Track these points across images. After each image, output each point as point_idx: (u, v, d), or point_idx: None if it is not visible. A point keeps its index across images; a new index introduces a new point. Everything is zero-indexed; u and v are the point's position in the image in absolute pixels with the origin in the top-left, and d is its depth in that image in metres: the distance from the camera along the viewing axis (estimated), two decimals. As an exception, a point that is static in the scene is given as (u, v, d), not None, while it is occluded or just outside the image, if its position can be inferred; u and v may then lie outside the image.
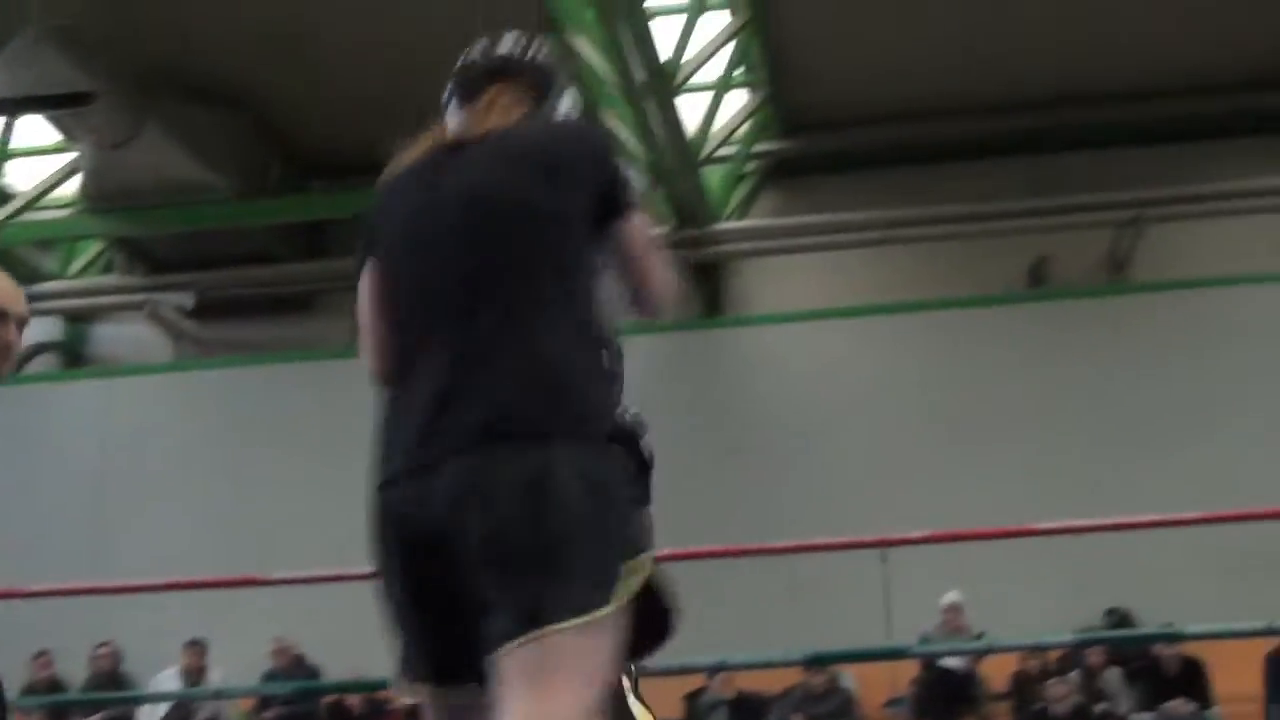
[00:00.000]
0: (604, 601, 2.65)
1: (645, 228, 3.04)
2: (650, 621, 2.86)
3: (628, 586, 2.70)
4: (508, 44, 3.32)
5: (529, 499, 2.67)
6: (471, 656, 2.74)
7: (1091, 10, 13.25)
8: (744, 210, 15.45)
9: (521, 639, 2.62)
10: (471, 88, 3.26)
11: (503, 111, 3.17)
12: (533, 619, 2.63)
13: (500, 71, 3.26)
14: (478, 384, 2.79)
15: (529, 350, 2.81)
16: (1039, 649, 11.51)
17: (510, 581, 2.67)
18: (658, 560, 2.85)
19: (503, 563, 2.68)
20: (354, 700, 12.66)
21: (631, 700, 4.45)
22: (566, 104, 3.29)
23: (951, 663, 12.03)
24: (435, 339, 2.89)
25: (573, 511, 2.66)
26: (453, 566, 2.73)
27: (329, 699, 12.86)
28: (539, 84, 3.25)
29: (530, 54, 3.30)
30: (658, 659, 5.10)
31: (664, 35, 12.13)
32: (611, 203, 2.98)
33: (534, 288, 2.86)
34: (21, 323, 4.01)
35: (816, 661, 11.05)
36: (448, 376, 2.83)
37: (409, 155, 3.21)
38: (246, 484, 14.52)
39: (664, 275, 3.08)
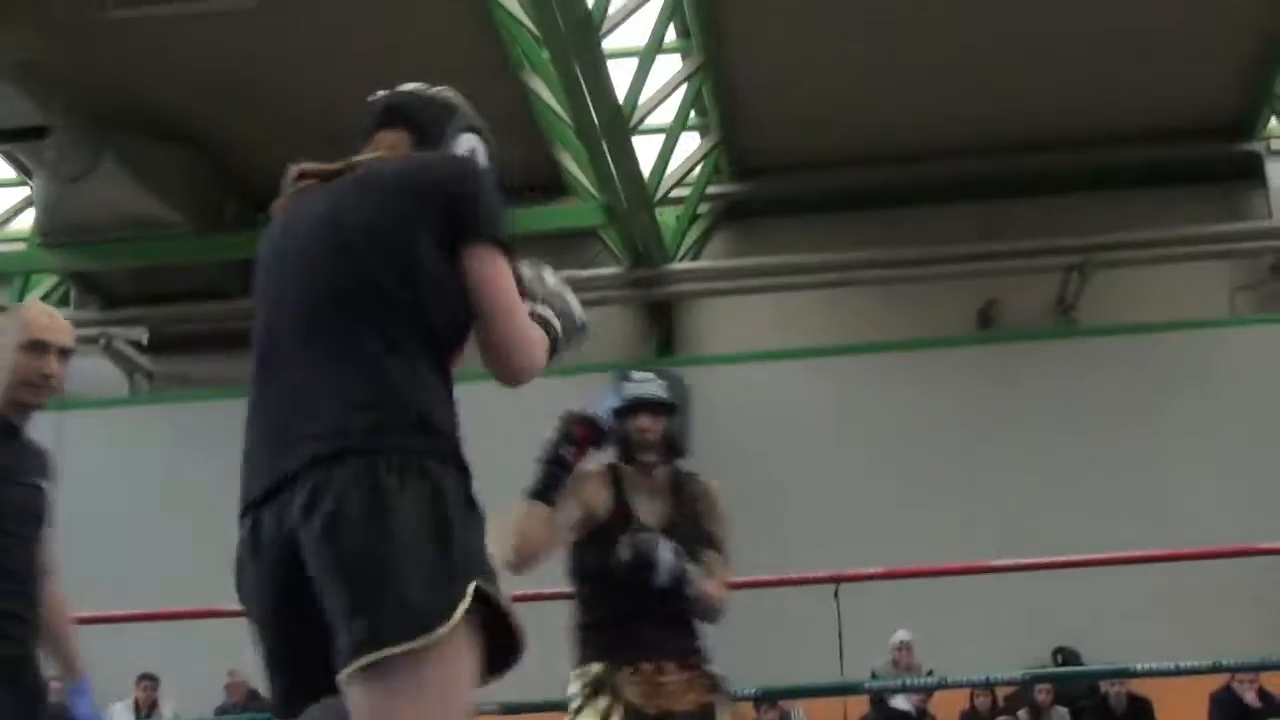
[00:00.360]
0: (438, 623, 2.55)
1: (503, 274, 2.87)
2: (494, 648, 2.72)
3: (460, 609, 2.56)
4: (403, 92, 3.26)
5: (358, 518, 2.61)
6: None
7: (1039, 61, 13.29)
8: (697, 251, 15.43)
9: (357, 662, 2.55)
10: (364, 135, 3.21)
11: (385, 153, 3.12)
12: (364, 642, 2.55)
13: (389, 117, 3.19)
14: (310, 407, 2.77)
15: (358, 371, 2.76)
16: (988, 685, 11.43)
17: (343, 603, 2.61)
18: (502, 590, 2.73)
19: (336, 584, 2.62)
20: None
21: None
22: (465, 148, 3.18)
23: (901, 703, 11.95)
24: (279, 365, 2.89)
25: (403, 530, 2.59)
26: (303, 593, 2.68)
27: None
28: (427, 129, 3.16)
29: (423, 101, 3.23)
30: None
31: (619, 78, 12.09)
32: (455, 226, 2.85)
33: (368, 310, 2.79)
34: (64, 353, 3.98)
35: (766, 697, 10.95)
36: (287, 403, 2.83)
37: (289, 193, 3.14)
38: (198, 517, 14.25)
39: (520, 335, 2.88)
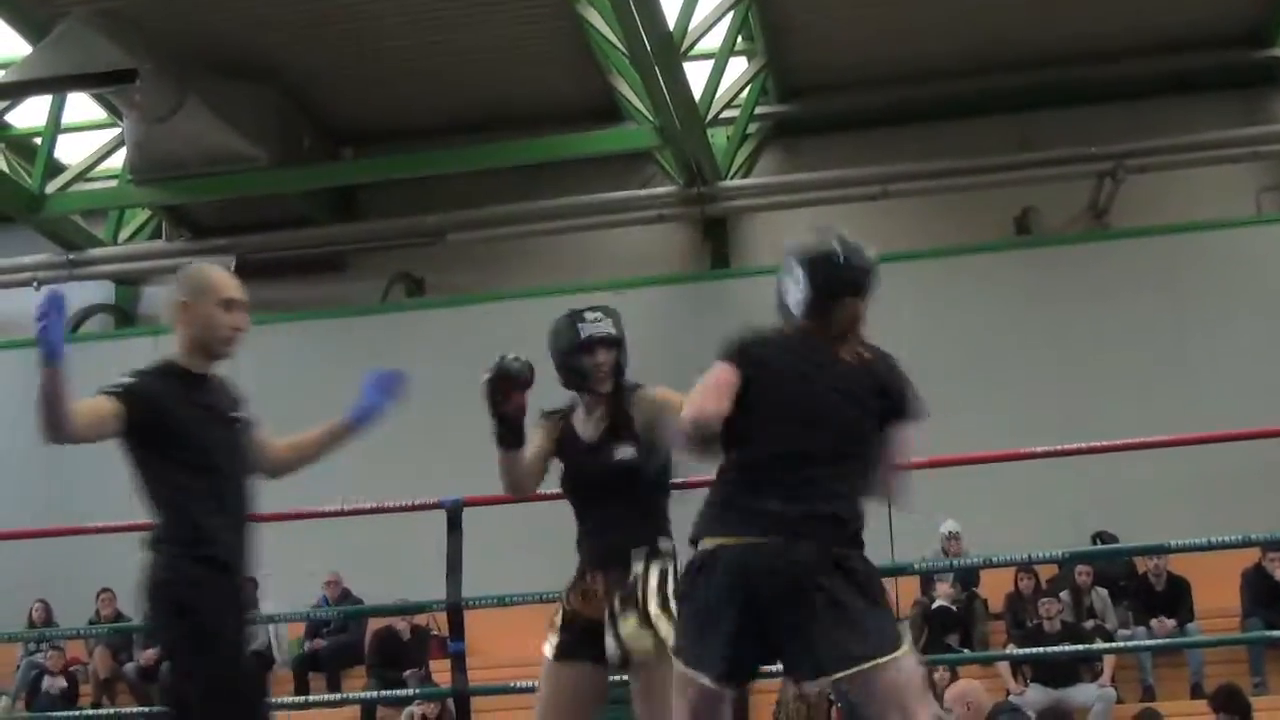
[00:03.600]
0: None
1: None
2: None
3: None
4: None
5: None
6: None
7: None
8: (748, 169, 15.42)
9: None
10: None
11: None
12: None
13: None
14: None
15: None
16: (1029, 564, 11.49)
17: None
18: None
19: None
20: (402, 627, 12.72)
21: None
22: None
23: (945, 601, 12.07)
24: None
25: None
26: None
27: (377, 628, 12.92)
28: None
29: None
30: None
31: (669, 6, 12.09)
32: None
33: None
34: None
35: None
36: None
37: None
38: (284, 430, 14.52)
39: None
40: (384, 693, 11.48)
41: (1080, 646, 10.56)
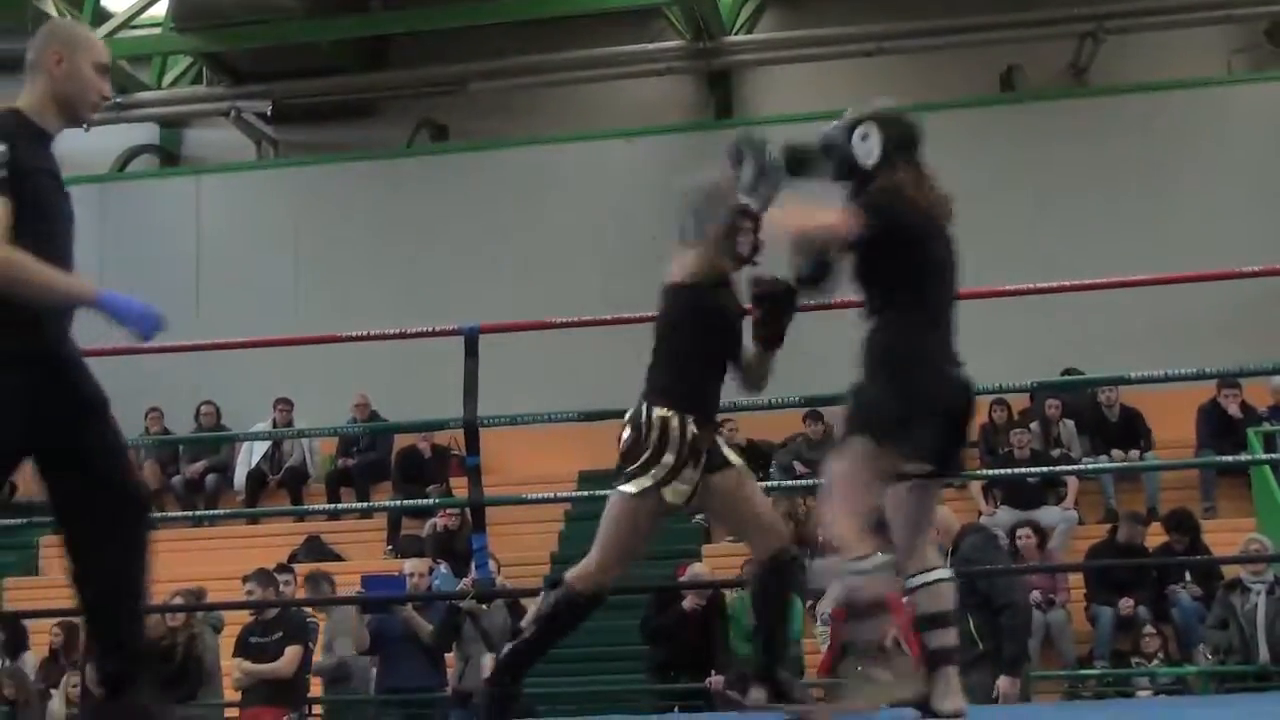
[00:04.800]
0: None
1: None
2: None
3: None
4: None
5: None
6: None
7: None
8: (751, 25, 15.29)
9: None
10: None
11: None
12: None
13: None
14: None
15: None
16: (1000, 393, 11.56)
17: None
18: None
19: None
20: (424, 447, 12.87)
21: None
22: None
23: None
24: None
25: None
26: None
27: (402, 447, 13.08)
28: None
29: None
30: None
31: None
32: None
33: None
34: None
35: (810, 404, 11.17)
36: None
37: None
38: (318, 263, 14.66)
39: None
40: (408, 502, 11.68)
41: (1046, 469, 10.67)
